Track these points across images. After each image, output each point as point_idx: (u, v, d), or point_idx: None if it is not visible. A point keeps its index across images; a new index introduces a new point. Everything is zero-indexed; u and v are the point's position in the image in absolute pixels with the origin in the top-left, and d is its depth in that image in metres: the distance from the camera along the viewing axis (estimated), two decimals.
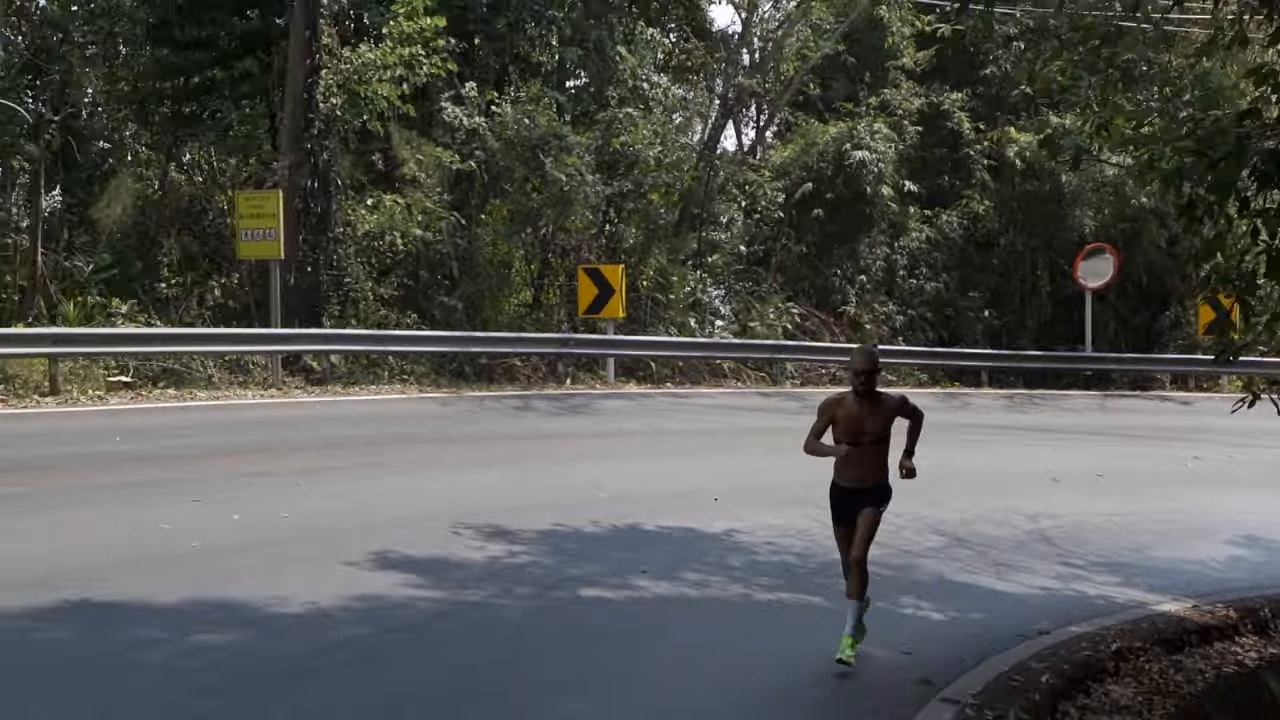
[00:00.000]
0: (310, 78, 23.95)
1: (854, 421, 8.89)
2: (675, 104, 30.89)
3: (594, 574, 10.58)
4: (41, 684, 7.14)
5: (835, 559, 12.16)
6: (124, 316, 22.50)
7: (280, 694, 7.25)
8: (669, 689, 8.00)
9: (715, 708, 7.67)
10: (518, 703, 7.49)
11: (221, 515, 11.46)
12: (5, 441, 15.55)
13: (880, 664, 8.77)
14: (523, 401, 21.59)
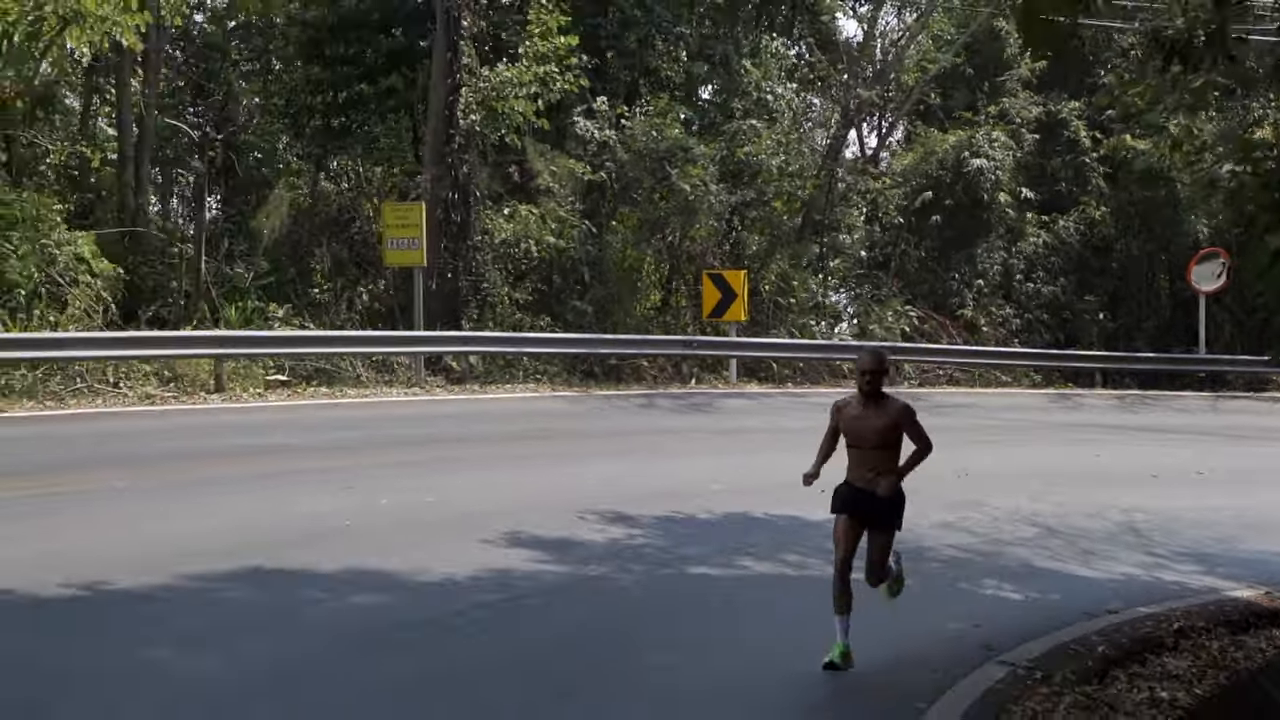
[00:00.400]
0: (451, 96, 25.38)
1: (858, 423, 8.89)
2: (798, 114, 31.80)
3: (703, 554, 11.64)
4: (230, 632, 8.41)
5: (926, 544, 13.07)
6: (280, 320, 24.14)
7: (424, 644, 8.44)
8: (758, 651, 9.06)
9: (799, 668, 8.70)
10: (625, 654, 8.61)
11: (370, 500, 12.73)
12: (178, 435, 17.08)
13: (950, 634, 9.69)
14: (648, 400, 22.77)
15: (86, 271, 22.86)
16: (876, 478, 8.83)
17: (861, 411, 8.87)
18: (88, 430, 16.92)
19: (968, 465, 16.12)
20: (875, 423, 8.79)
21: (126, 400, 19.72)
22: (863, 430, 8.82)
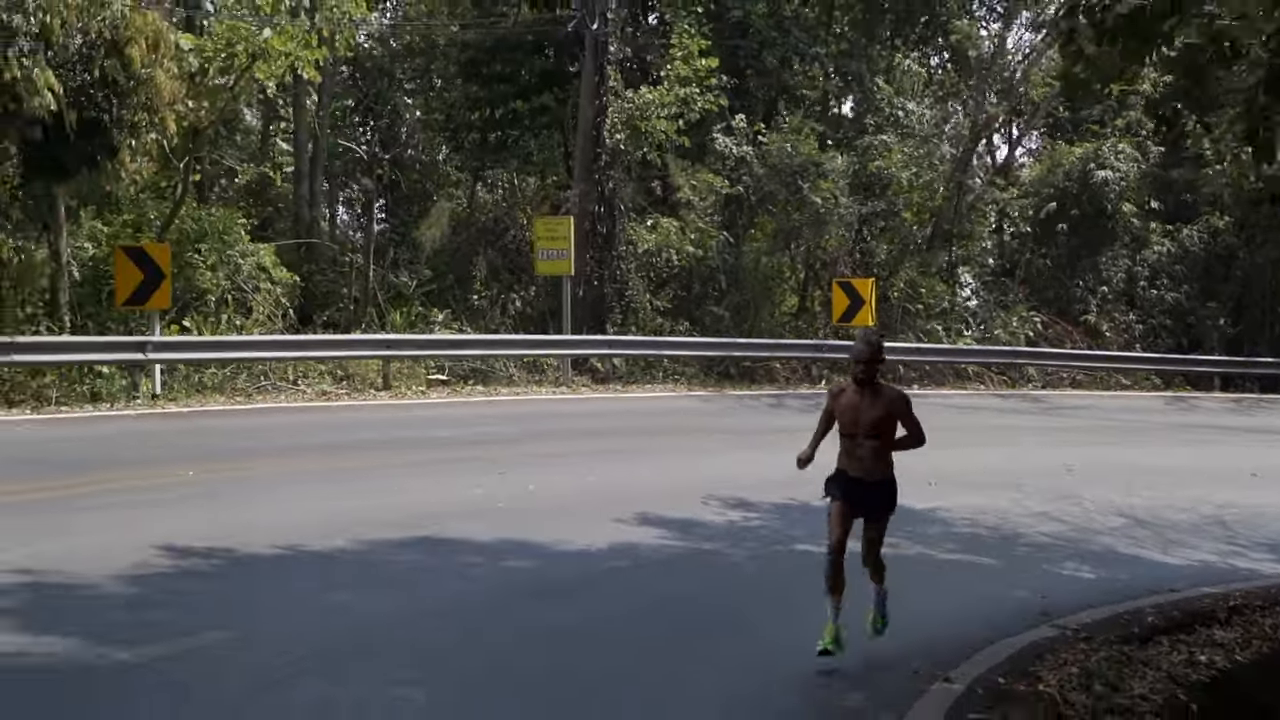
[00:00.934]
0: (598, 117, 27.10)
1: (852, 411, 8.77)
2: (930, 129, 32.94)
3: (810, 535, 12.94)
4: (400, 582, 10.04)
5: (1020, 530, 14.31)
6: (440, 324, 26.12)
7: (562, 595, 10.01)
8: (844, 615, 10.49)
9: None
10: (732, 612, 10.10)
11: (520, 484, 14.34)
12: (351, 428, 18.97)
13: (1017, 603, 10.90)
14: (777, 400, 24.20)
15: (267, 279, 25.02)
16: (868, 466, 8.75)
17: (856, 399, 8.76)
18: (272, 423, 18.88)
19: (1075, 462, 17.22)
20: (870, 412, 8.70)
21: (305, 396, 21.75)
22: (856, 418, 8.73)
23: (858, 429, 8.67)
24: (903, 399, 8.90)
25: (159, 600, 8.88)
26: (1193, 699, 9.24)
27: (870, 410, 8.64)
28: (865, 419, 8.64)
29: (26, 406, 18.45)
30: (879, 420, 8.67)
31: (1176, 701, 9.04)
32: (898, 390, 9.16)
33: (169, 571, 9.61)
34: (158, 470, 13.85)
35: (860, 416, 8.65)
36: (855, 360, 8.67)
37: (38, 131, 17.03)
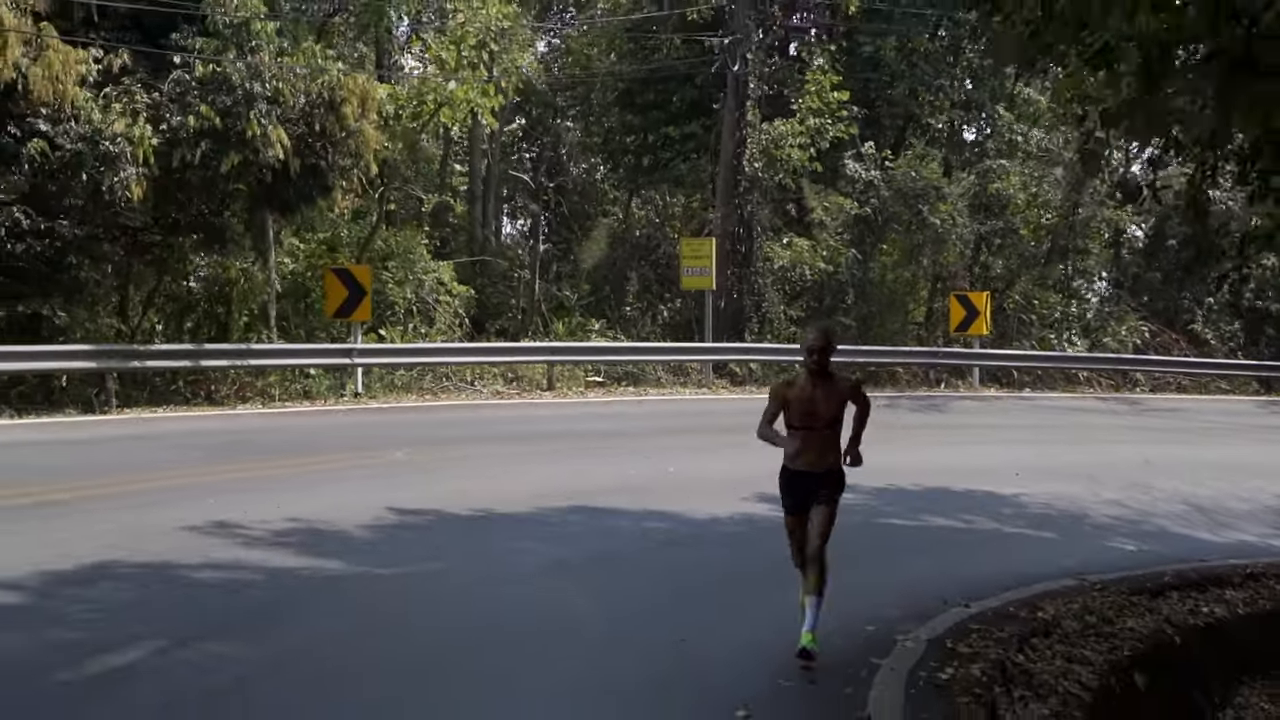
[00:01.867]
0: (738, 148, 29.90)
1: (806, 403, 8.58)
2: (1052, 155, 35.04)
3: (899, 512, 15.40)
4: (569, 537, 12.86)
5: (1087, 513, 16.22)
6: (597, 332, 29.17)
7: (689, 547, 12.73)
8: (910, 570, 13.01)
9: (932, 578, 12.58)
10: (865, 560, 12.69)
11: (661, 468, 17.06)
12: (521, 422, 21.97)
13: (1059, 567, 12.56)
14: (891, 401, 26.64)
15: (446, 293, 28.31)
16: (822, 458, 8.68)
17: (811, 392, 8.58)
18: (455, 417, 21.98)
19: (1155, 457, 18.91)
20: (827, 402, 8.53)
21: (481, 395, 24.92)
22: (814, 410, 8.56)
23: (817, 420, 8.57)
24: (857, 384, 8.97)
25: (391, 541, 11.89)
26: (1178, 634, 11.47)
27: (826, 401, 8.52)
28: (823, 411, 8.54)
29: (256, 402, 21.91)
30: (837, 410, 8.58)
31: (1162, 635, 11.27)
32: (849, 379, 9.11)
33: (395, 523, 12.62)
34: (371, 453, 17.00)
35: (819, 408, 8.54)
36: (809, 350, 8.52)
37: (268, 175, 20.41)
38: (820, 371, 8.53)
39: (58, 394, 20.35)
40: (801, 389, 8.58)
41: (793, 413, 8.59)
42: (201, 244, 22.41)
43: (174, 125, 19.54)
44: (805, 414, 8.53)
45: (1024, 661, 9.25)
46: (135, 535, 10.93)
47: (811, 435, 8.58)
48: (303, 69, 20.26)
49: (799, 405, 8.55)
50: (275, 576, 10.06)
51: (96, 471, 14.79)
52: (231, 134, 19.53)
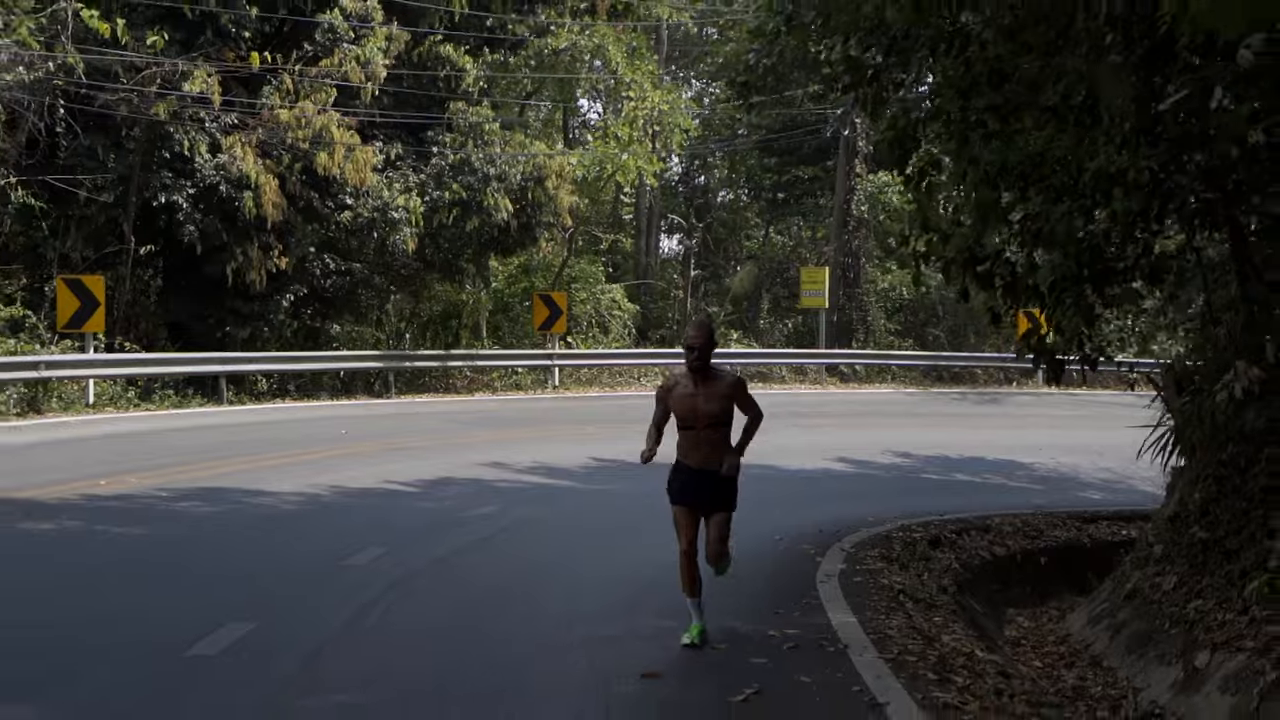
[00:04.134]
0: (847, 195, 36.60)
1: (688, 401, 8.20)
2: None
3: (935, 470, 20.82)
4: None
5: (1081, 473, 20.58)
6: (736, 340, 36.13)
7: (778, 484, 19.40)
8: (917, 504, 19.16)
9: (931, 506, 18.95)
10: (857, 497, 19.24)
11: (772, 440, 23.87)
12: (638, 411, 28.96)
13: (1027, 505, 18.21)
14: (962, 395, 33.11)
15: (618, 309, 35.50)
16: (712, 457, 8.23)
17: (693, 389, 8.20)
18: (629, 405, 28.62)
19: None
20: (708, 402, 8.16)
21: (646, 389, 31.97)
22: (695, 409, 8.18)
23: (698, 421, 8.19)
24: (740, 382, 8.41)
25: (593, 473, 18.72)
26: (1091, 542, 17.75)
27: (710, 399, 8.17)
28: (704, 410, 8.17)
29: (485, 391, 29.36)
30: (719, 410, 8.21)
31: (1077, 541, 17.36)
32: (733, 375, 8.61)
33: (595, 466, 19.51)
34: (572, 426, 24.08)
35: (699, 407, 8.17)
36: (688, 347, 8.15)
37: (495, 231, 27.81)
38: (701, 369, 8.16)
39: (341, 385, 28.00)
40: (683, 388, 8.24)
41: (678, 412, 8.25)
42: (443, 279, 30.00)
43: (434, 198, 27.05)
44: (688, 414, 8.19)
45: (954, 538, 15.47)
46: (454, 467, 17.92)
47: (696, 436, 8.22)
48: (521, 156, 27.64)
49: (680, 405, 8.22)
50: (538, 486, 17.00)
51: (406, 433, 21.94)
52: (473, 203, 26.98)
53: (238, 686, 7.30)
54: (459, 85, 27.66)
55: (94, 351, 22.57)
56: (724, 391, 8.27)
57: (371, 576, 10.36)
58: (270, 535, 12.33)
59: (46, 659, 7.65)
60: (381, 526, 12.84)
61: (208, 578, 10.27)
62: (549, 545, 12.70)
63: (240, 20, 24.46)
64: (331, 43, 25.53)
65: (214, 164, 24.28)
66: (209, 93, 23.58)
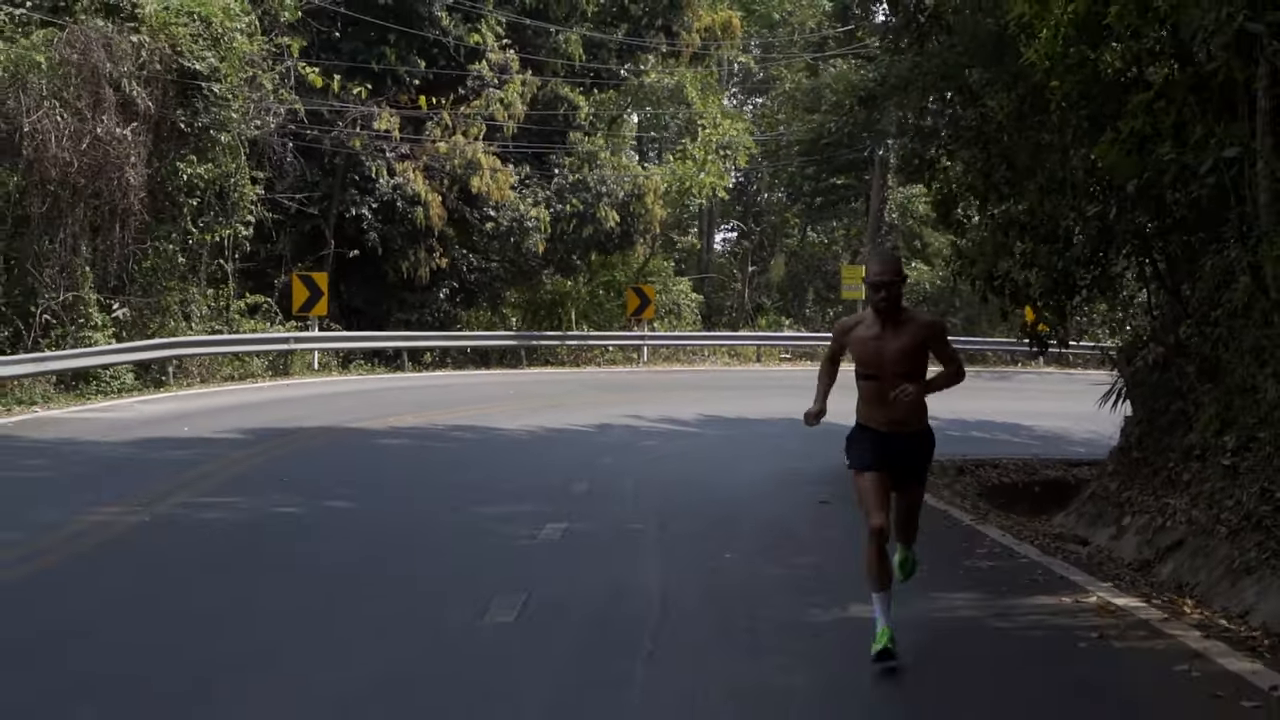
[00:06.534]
0: (880, 205, 42.49)
1: (873, 347, 6.78)
2: None
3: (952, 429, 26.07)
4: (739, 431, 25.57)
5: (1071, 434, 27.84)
6: (787, 325, 42.08)
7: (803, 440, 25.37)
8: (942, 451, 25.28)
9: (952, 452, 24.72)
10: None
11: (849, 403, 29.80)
12: (740, 378, 34.78)
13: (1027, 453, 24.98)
14: (976, 373, 38.41)
15: (686, 298, 41.46)
16: (902, 418, 6.85)
17: (878, 330, 6.77)
18: (699, 379, 34.72)
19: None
20: (896, 344, 6.72)
21: (712, 364, 37.98)
22: (881, 355, 6.75)
23: (882, 369, 6.74)
24: (938, 325, 7.21)
25: (713, 425, 24.43)
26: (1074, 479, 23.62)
27: (897, 342, 6.71)
28: (891, 354, 6.72)
29: (590, 365, 35.33)
30: (909, 354, 6.76)
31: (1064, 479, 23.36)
32: (929, 316, 7.65)
33: (710, 419, 25.13)
34: (673, 392, 29.72)
35: (885, 351, 6.73)
36: (874, 285, 6.73)
37: (602, 237, 33.81)
38: (890, 310, 6.76)
39: (480, 358, 34.01)
40: (865, 330, 6.88)
41: (860, 358, 6.93)
42: (554, 274, 36.02)
43: (557, 210, 33.06)
44: (871, 360, 6.84)
45: (974, 469, 21.04)
46: (605, 417, 22.78)
47: (880, 388, 6.83)
48: (626, 177, 33.60)
49: (862, 348, 6.89)
50: (675, 430, 22.53)
51: (552, 394, 27.42)
52: (588, 214, 33.00)
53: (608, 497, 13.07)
54: (575, 118, 33.64)
55: (319, 329, 28.64)
56: (918, 333, 6.80)
57: (619, 467, 16.03)
58: (529, 449, 18.15)
59: (477, 491, 13.46)
60: (595, 448, 18.51)
61: (529, 465, 16.04)
62: (710, 458, 18.30)
63: (412, 72, 30.45)
64: (480, 87, 31.50)
65: (391, 184, 30.29)
66: (390, 130, 29.58)
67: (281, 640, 7.54)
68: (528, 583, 8.91)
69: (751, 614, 8.34)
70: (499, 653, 7.23)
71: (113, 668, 6.86)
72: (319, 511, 12.12)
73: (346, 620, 8.01)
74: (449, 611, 8.14)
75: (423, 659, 7.10)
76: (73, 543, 10.18)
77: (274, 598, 8.57)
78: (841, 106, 32.97)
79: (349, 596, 8.68)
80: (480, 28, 31.36)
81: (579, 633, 7.69)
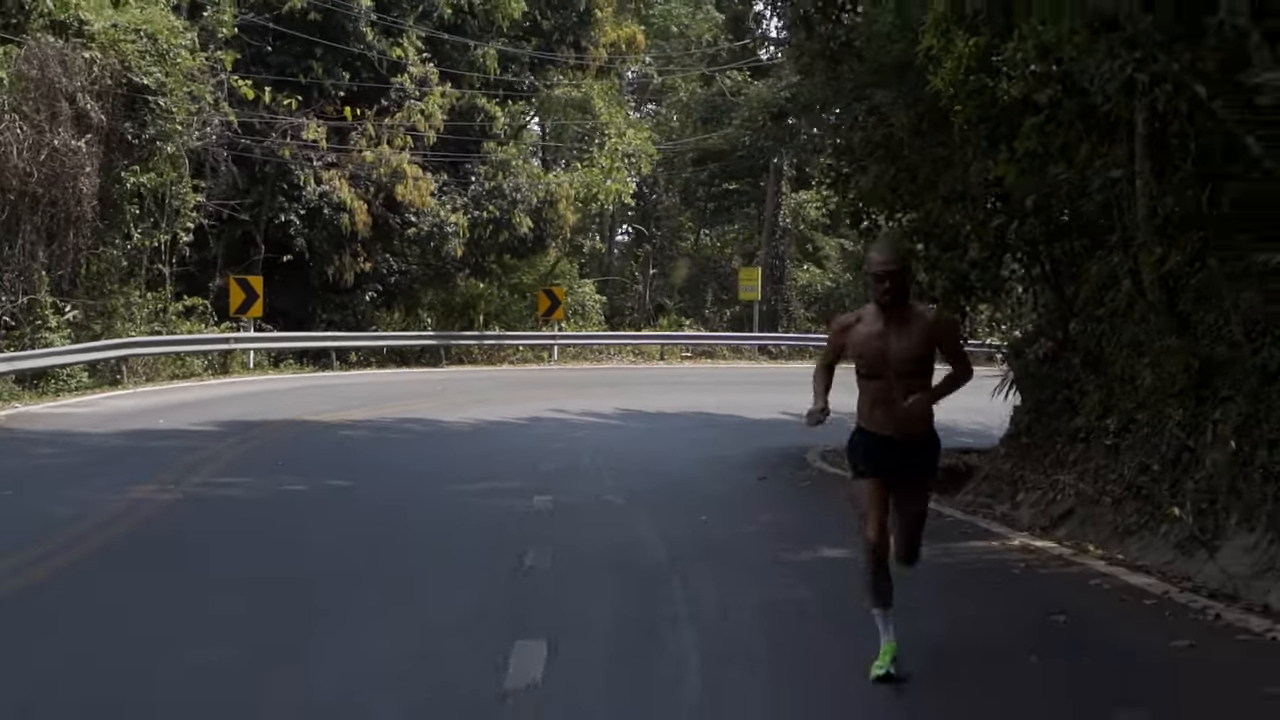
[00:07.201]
0: (775, 208, 44.61)
1: (874, 342, 6.17)
2: None
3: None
4: (661, 426, 27.40)
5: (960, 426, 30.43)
6: (687, 325, 43.98)
7: (711, 429, 27.27)
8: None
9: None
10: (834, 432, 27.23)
11: (725, 398, 31.66)
12: (648, 375, 36.54)
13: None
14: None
15: (593, 300, 43.12)
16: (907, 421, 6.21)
17: (881, 326, 6.17)
18: (609, 376, 36.50)
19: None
20: (902, 342, 6.12)
21: (617, 362, 39.67)
22: (885, 355, 6.14)
23: (886, 367, 6.14)
24: (950, 323, 6.91)
25: (635, 418, 26.34)
26: (964, 463, 25.90)
27: (903, 340, 6.11)
28: (897, 353, 6.12)
29: (505, 364, 36.75)
30: (916, 352, 6.15)
31: (956, 464, 25.68)
32: (937, 314, 7.01)
33: (629, 412, 27.00)
34: (586, 388, 31.30)
35: (889, 351, 6.12)
36: (877, 276, 6.14)
37: (517, 242, 35.33)
38: (896, 303, 6.12)
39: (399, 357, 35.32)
40: (867, 327, 6.24)
41: (861, 357, 6.27)
42: (469, 276, 37.47)
43: (475, 216, 34.54)
44: (873, 359, 6.20)
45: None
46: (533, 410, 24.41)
47: (883, 388, 6.19)
48: (540, 183, 35.23)
49: (863, 346, 6.23)
50: (598, 422, 24.06)
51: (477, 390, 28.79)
52: (504, 220, 34.56)
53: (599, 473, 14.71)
54: (491, 128, 35.18)
55: (254, 331, 29.78)
56: (928, 333, 6.26)
57: (570, 452, 17.60)
58: (479, 438, 19.65)
59: (454, 472, 14.99)
60: (538, 437, 20.13)
61: (486, 451, 17.54)
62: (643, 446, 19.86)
63: (338, 84, 31.74)
64: (402, 98, 32.87)
65: (318, 192, 31.53)
66: (318, 140, 30.84)
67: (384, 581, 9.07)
68: (545, 539, 10.52)
69: (744, 555, 10.13)
70: (554, 588, 8.85)
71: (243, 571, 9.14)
72: (326, 490, 13.59)
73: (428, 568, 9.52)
74: (492, 561, 9.72)
75: (494, 594, 8.68)
76: (137, 509, 11.68)
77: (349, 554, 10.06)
78: (754, 120, 34.92)
79: (407, 554, 10.17)
80: (402, 42, 32.76)
81: (610, 573, 9.35)
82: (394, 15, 33.04)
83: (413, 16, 33.18)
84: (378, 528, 11.23)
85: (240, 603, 8.16)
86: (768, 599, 8.52)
